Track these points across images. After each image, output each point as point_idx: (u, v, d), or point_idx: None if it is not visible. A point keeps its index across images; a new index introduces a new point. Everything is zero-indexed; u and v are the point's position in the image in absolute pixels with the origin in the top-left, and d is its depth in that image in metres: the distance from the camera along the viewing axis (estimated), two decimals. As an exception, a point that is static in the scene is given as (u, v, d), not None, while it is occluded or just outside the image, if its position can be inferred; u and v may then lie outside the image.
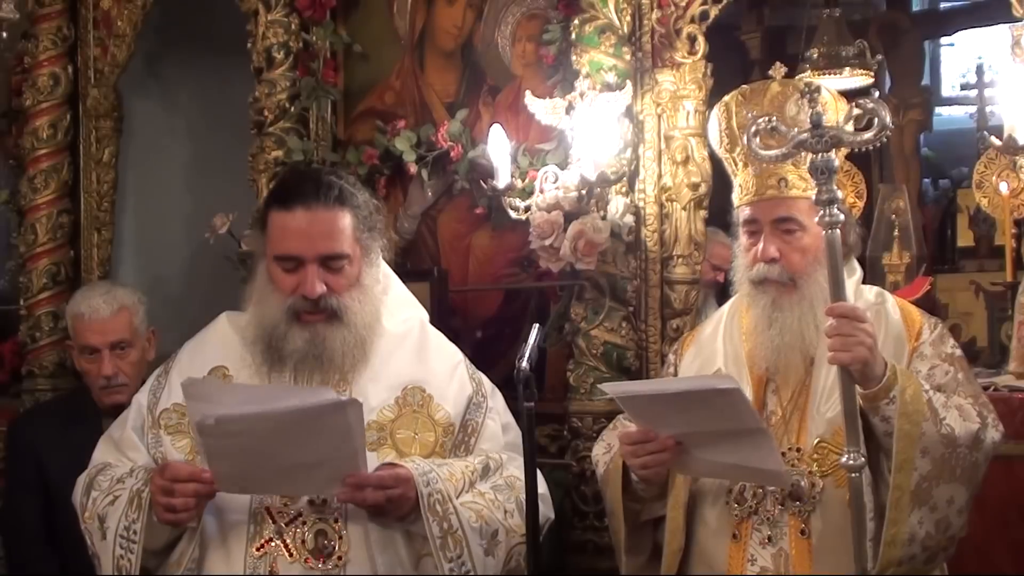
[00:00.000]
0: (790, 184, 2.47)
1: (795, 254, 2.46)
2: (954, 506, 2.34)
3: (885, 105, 2.25)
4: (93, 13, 4.80)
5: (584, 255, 3.35)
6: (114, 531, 2.38)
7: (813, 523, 2.40)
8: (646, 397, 2.45)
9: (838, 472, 2.35)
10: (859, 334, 2.23)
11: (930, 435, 2.28)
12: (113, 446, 2.59)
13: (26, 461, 3.51)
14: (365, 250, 2.50)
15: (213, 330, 2.66)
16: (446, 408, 2.53)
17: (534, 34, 3.81)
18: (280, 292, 2.44)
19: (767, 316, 2.48)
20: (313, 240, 2.41)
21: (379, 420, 2.46)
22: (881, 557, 2.28)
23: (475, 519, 2.38)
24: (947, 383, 2.43)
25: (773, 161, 2.37)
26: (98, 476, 2.51)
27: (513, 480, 2.51)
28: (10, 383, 4.89)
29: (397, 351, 2.55)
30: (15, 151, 4.95)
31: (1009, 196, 3.95)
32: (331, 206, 2.44)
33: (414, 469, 2.35)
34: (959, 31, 8.30)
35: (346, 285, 2.45)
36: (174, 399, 2.51)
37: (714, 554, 2.49)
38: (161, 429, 2.51)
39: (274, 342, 2.44)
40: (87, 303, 3.47)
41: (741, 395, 2.30)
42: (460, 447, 2.54)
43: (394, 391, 2.51)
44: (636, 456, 2.44)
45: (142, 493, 2.36)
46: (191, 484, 2.30)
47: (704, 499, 2.54)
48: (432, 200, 4.06)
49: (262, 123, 4.06)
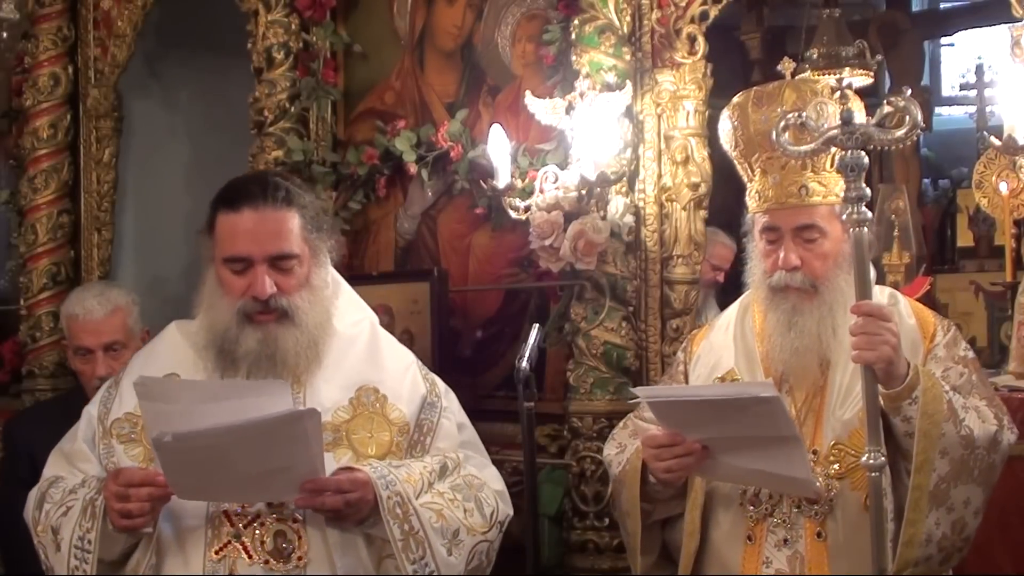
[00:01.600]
0: (811, 191, 2.45)
1: (816, 261, 2.45)
2: (970, 507, 2.34)
3: (916, 103, 2.24)
4: (93, 13, 4.80)
5: (584, 255, 3.35)
6: (68, 542, 2.36)
7: (829, 526, 2.39)
8: (679, 403, 2.43)
9: (854, 474, 2.35)
10: (884, 333, 2.22)
11: (950, 436, 2.28)
12: (64, 459, 2.56)
13: (22, 461, 3.50)
14: (314, 251, 2.49)
15: (163, 339, 2.64)
16: (400, 408, 2.52)
17: (534, 34, 3.81)
18: (230, 295, 2.42)
19: (787, 320, 2.47)
20: (261, 240, 2.40)
21: (334, 421, 2.45)
22: (899, 558, 2.27)
23: (436, 519, 2.38)
24: (962, 385, 2.42)
25: (802, 156, 2.36)
26: (50, 489, 2.48)
27: (471, 479, 2.51)
28: (10, 383, 4.89)
29: (349, 352, 2.54)
30: (15, 151, 4.95)
31: (1009, 196, 3.95)
32: (279, 206, 2.43)
33: (372, 472, 2.35)
34: (959, 31, 8.31)
35: (296, 285, 2.44)
36: (125, 408, 2.49)
37: (728, 556, 2.48)
38: (113, 438, 2.48)
39: (226, 345, 2.42)
40: (81, 304, 3.47)
41: (780, 403, 2.28)
42: (416, 447, 2.53)
43: (348, 391, 2.50)
44: (660, 459, 2.42)
45: (95, 502, 2.33)
46: (145, 488, 2.27)
47: (718, 501, 2.53)
48: (432, 200, 4.06)
49: (262, 123, 4.07)
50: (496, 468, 2.62)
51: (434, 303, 3.72)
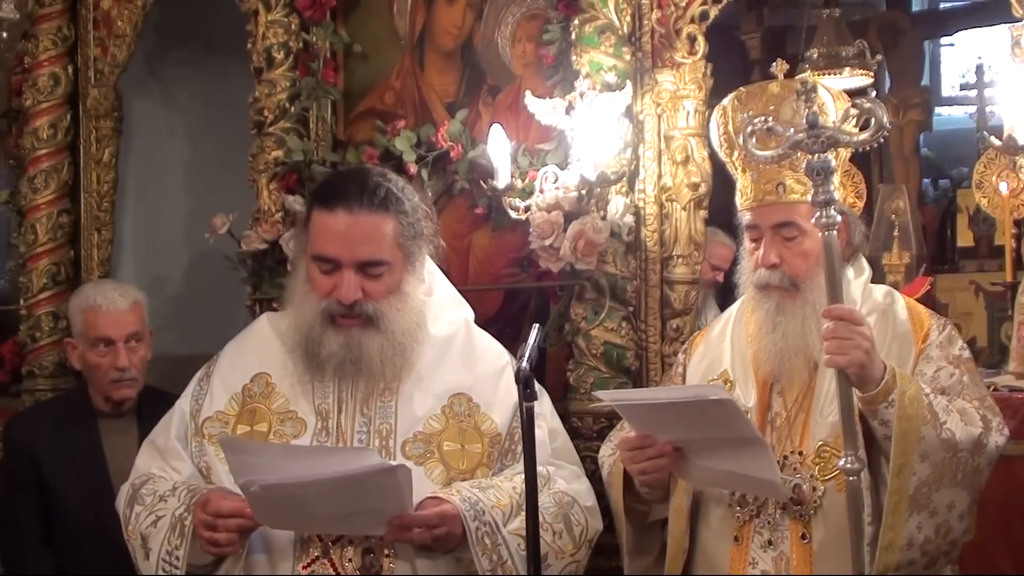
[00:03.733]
0: (788, 189, 2.45)
1: (796, 259, 2.45)
2: (955, 511, 2.32)
3: (882, 105, 2.24)
4: (93, 13, 4.79)
5: (584, 255, 3.35)
6: (157, 553, 2.37)
7: (814, 528, 2.39)
8: (640, 406, 2.44)
9: (840, 477, 2.34)
10: (856, 337, 2.22)
11: (930, 439, 2.27)
12: (158, 454, 2.55)
13: (22, 462, 3.51)
14: (408, 257, 2.44)
15: (254, 333, 2.62)
16: (493, 418, 2.49)
17: (534, 34, 3.81)
18: (317, 293, 2.39)
19: (771, 320, 2.47)
20: (352, 245, 2.35)
21: (426, 431, 2.43)
22: (878, 561, 2.27)
23: (524, 547, 2.32)
24: (952, 385, 2.41)
25: (768, 162, 2.36)
26: (141, 489, 2.48)
27: (561, 496, 2.48)
28: (10, 383, 4.89)
29: (444, 357, 2.51)
30: (15, 151, 4.94)
31: (1009, 196, 3.95)
32: (374, 210, 2.37)
33: (460, 503, 2.31)
34: (959, 31, 8.32)
35: (384, 292, 2.39)
36: (216, 407, 2.49)
37: (716, 556, 2.49)
38: (204, 438, 2.47)
39: (311, 346, 2.40)
40: (102, 295, 3.48)
41: (734, 405, 2.29)
42: (507, 455, 2.50)
43: (440, 400, 2.46)
44: (635, 462, 2.44)
45: (184, 520, 2.33)
46: (234, 520, 2.27)
47: (708, 501, 2.53)
48: (432, 200, 4.06)
49: (262, 123, 4.06)
50: (588, 481, 2.59)
51: (434, 303, 3.71)
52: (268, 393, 2.48)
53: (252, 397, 2.49)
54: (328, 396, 2.45)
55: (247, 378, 2.51)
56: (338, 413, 2.44)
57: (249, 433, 2.44)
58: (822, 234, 2.23)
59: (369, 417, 2.43)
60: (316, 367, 2.41)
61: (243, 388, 2.50)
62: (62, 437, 3.48)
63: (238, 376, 2.51)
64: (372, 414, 2.43)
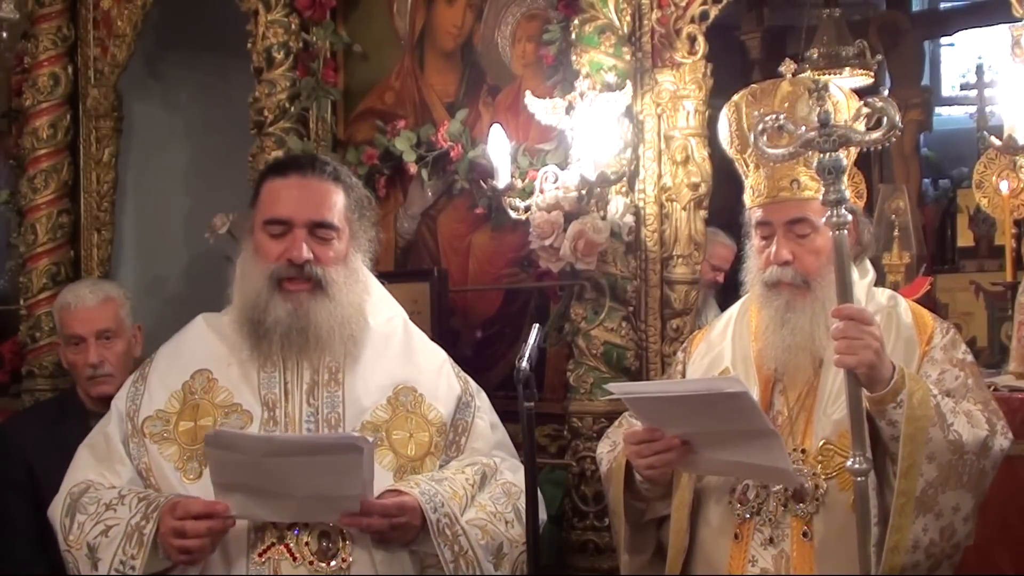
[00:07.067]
0: (803, 185, 2.44)
1: (809, 256, 2.44)
2: (960, 513, 2.31)
3: (894, 104, 2.23)
4: (93, 13, 4.80)
5: (584, 255, 3.35)
6: (108, 563, 2.32)
7: (816, 525, 2.37)
8: (653, 399, 2.43)
9: (842, 475, 2.33)
10: (865, 337, 2.21)
11: (937, 441, 2.26)
12: (94, 459, 2.52)
13: (14, 463, 3.50)
14: (353, 233, 2.50)
15: (191, 332, 2.61)
16: (438, 408, 2.52)
17: (534, 34, 3.81)
18: (264, 260, 2.41)
19: (780, 317, 2.46)
20: (305, 205, 2.41)
21: (373, 421, 2.45)
22: (884, 563, 2.26)
23: (481, 536, 2.37)
24: (956, 388, 2.40)
25: (780, 160, 2.35)
26: (82, 498, 2.43)
27: (509, 487, 2.50)
28: (10, 383, 4.89)
29: (385, 350, 2.54)
30: (15, 151, 4.95)
31: (1009, 196, 3.95)
32: (325, 179, 2.45)
33: (420, 496, 2.33)
34: (959, 31, 8.31)
35: (333, 258, 2.43)
36: (156, 405, 2.47)
37: (715, 553, 2.48)
38: (146, 437, 2.45)
39: (255, 314, 2.40)
40: (73, 294, 3.49)
41: (749, 398, 2.27)
42: (452, 447, 2.53)
43: (385, 391, 2.49)
44: (641, 456, 2.42)
45: (143, 529, 2.29)
46: (204, 522, 2.25)
47: (708, 498, 2.52)
48: (432, 200, 4.06)
49: (262, 123, 4.06)
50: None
51: (434, 303, 3.71)
52: (210, 388, 2.47)
53: (194, 393, 2.47)
54: (274, 386, 2.44)
55: (187, 375, 2.50)
56: (285, 402, 2.44)
57: (193, 428, 2.43)
58: (833, 233, 2.23)
59: (316, 407, 2.43)
60: (261, 336, 2.40)
61: (183, 385, 2.49)
62: (54, 436, 3.47)
63: (177, 374, 2.50)
64: (319, 403, 2.44)
